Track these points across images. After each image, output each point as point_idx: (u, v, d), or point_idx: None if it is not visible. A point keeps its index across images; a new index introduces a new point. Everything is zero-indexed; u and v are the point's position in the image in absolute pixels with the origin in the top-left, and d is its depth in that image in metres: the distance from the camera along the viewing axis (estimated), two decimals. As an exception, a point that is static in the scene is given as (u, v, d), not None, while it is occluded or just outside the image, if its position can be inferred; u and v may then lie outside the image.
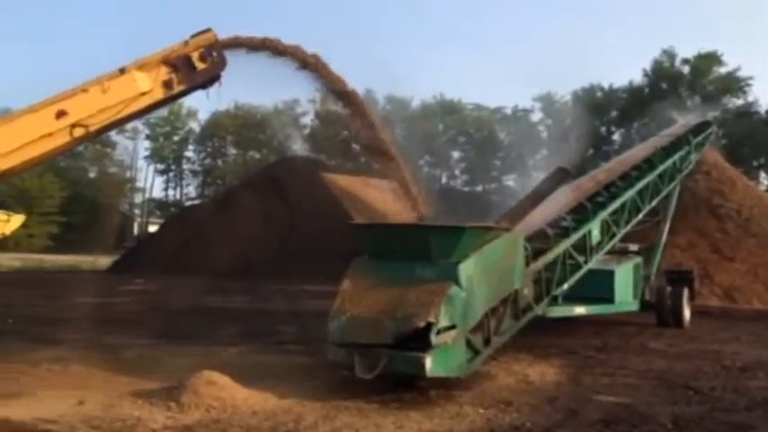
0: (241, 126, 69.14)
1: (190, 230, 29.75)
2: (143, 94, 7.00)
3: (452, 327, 6.11)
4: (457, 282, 6.16)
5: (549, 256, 8.26)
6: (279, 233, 27.66)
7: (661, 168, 11.93)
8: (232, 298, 16.88)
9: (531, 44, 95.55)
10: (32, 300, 15.76)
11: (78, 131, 6.76)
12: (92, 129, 6.88)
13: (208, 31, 7.22)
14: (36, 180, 53.89)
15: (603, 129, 57.57)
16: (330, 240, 24.45)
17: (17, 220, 35.00)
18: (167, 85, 7.12)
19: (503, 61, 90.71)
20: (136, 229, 67.93)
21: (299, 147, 60.56)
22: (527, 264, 7.63)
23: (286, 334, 10.52)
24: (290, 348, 9.10)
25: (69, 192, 60.66)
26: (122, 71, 6.91)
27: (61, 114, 6.65)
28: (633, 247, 11.92)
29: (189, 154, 75.30)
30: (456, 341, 6.17)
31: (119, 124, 7.46)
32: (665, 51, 55.03)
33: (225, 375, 6.12)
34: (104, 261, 34.89)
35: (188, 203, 64.82)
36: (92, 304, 14.56)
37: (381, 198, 7.48)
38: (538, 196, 7.53)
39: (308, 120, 68.66)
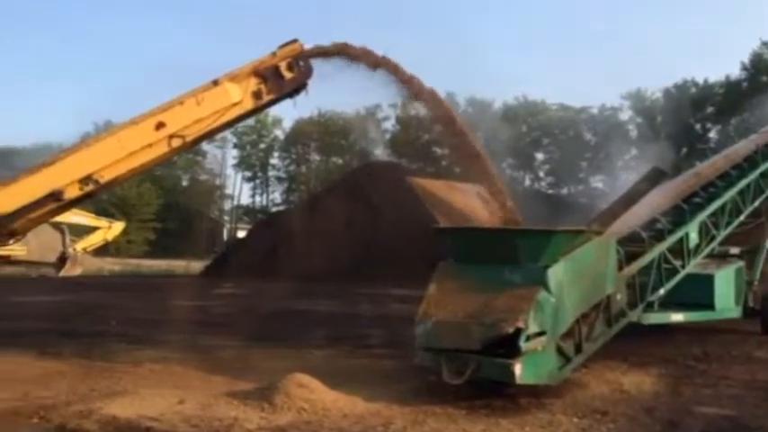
0: (324, 132, 70.50)
1: (276, 235, 30.57)
2: (234, 104, 7.27)
3: (542, 333, 5.98)
4: (546, 287, 6.02)
5: (644, 261, 7.93)
6: (362, 237, 28.00)
7: (764, 167, 11.21)
8: (318, 301, 17.20)
9: (618, 40, 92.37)
10: (132, 302, 16.62)
11: (176, 142, 7.10)
12: (188, 139, 7.21)
13: (294, 41, 7.42)
14: (134, 189, 56.92)
15: (698, 126, 54.76)
16: (413, 244, 24.55)
17: (118, 226, 37.45)
18: (257, 95, 7.36)
19: (588, 59, 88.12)
20: (225, 235, 70.51)
21: (380, 151, 61.17)
22: (620, 268, 7.36)
23: (372, 337, 10.61)
24: (377, 352, 9.17)
25: (164, 199, 63.77)
26: (215, 83, 7.21)
27: (160, 126, 7.00)
28: (734, 250, 11.22)
29: (274, 161, 77.52)
30: (546, 348, 6.03)
31: (212, 134, 7.78)
32: (765, 43, 51.78)
33: (314, 378, 6.24)
34: (196, 265, 36.45)
35: (274, 209, 66.72)
36: (187, 307, 15.20)
37: (467, 202, 7.43)
38: (631, 198, 7.24)
39: (389, 124, 69.23)
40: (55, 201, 6.86)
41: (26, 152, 60.19)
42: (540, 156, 67.15)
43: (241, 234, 53.98)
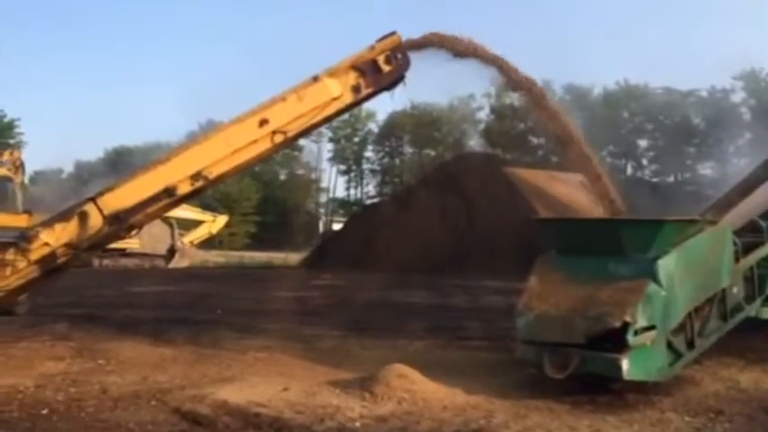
0: (417, 125, 70.61)
1: (371, 228, 30.95)
2: (334, 99, 7.41)
3: (651, 327, 5.72)
4: (655, 279, 5.76)
5: (763, 252, 7.42)
6: (456, 229, 27.87)
7: None
8: (414, 293, 17.27)
9: (727, 18, 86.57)
10: (236, 292, 17.34)
11: (278, 138, 7.32)
12: (290, 135, 7.42)
13: (393, 34, 7.44)
14: (236, 184, 59.35)
15: (820, 106, 50.60)
16: (508, 236, 24.22)
17: (221, 220, 39.17)
18: (356, 89, 7.46)
19: (694, 40, 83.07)
20: (321, 227, 72.24)
21: (474, 142, 60.54)
22: (736, 260, 6.91)
23: (470, 329, 10.54)
24: (475, 344, 9.09)
25: (263, 193, 66.14)
26: (315, 79, 7.36)
27: (264, 123, 7.24)
28: None
29: (368, 154, 78.57)
30: (656, 343, 5.77)
31: (312, 129, 7.96)
32: None
33: (413, 369, 6.28)
34: (295, 257, 37.56)
35: (368, 202, 67.61)
36: (287, 297, 15.69)
37: (568, 192, 7.20)
38: (749, 185, 6.79)
39: (483, 115, 68.38)
40: (169, 196, 7.24)
41: (138, 150, 64.19)
42: (643, 143, 64.26)
43: (336, 226, 55.16)
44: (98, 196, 7.11)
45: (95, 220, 7.04)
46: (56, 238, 6.95)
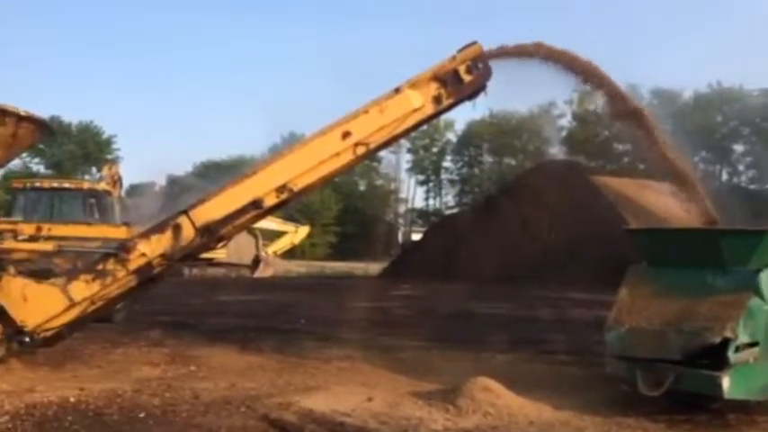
0: (496, 133, 69.85)
1: (451, 238, 30.80)
2: (415, 110, 7.41)
3: (754, 344, 5.40)
4: (757, 292, 5.44)
5: None
6: (538, 239, 27.32)
7: None
8: (495, 304, 17.03)
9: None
10: (318, 302, 17.62)
11: (360, 150, 7.39)
12: (372, 146, 7.48)
13: (474, 43, 7.39)
14: (317, 195, 60.51)
15: None
16: (594, 246, 23.49)
17: (303, 231, 39.97)
18: (437, 100, 7.44)
19: (794, 37, 78.07)
20: (400, 238, 72.46)
21: (556, 150, 59.22)
22: None
23: (554, 343, 10.27)
24: (561, 358, 8.86)
25: (343, 204, 67.12)
26: (397, 91, 7.40)
27: (346, 135, 7.33)
28: None
29: (447, 164, 78.35)
30: (760, 360, 5.43)
31: (394, 140, 7.99)
32: None
33: (498, 382, 6.18)
34: (375, 267, 37.83)
35: (447, 212, 67.35)
36: (368, 307, 15.82)
37: (659, 200, 6.85)
38: None
39: (564, 121, 66.88)
40: (256, 208, 7.44)
41: (224, 164, 66.59)
42: (738, 147, 60.97)
43: (416, 237, 55.21)
44: (190, 209, 7.39)
45: (188, 232, 7.32)
46: (152, 248, 7.27)
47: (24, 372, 7.22)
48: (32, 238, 8.27)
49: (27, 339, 7.03)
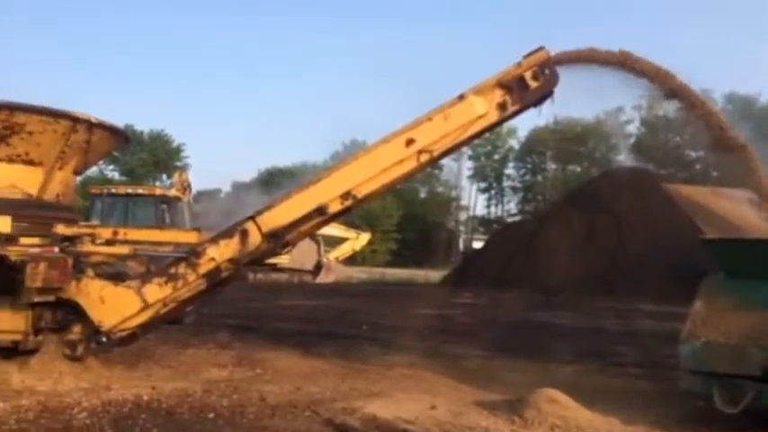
0: (560, 140, 68.59)
1: (513, 246, 30.39)
2: (480, 117, 7.35)
3: (843, 361, 5.09)
4: (844, 306, 5.13)
5: None
6: (605, 248, 26.61)
7: None
8: (559, 314, 16.68)
9: None
10: (379, 309, 17.67)
11: (424, 157, 7.39)
12: (435, 154, 7.47)
13: (540, 49, 7.28)
14: (378, 202, 60.85)
15: None
16: (664, 256, 22.71)
17: (364, 237, 40.22)
18: (502, 106, 7.36)
19: None
20: (461, 246, 72.01)
21: (623, 157, 57.69)
22: None
23: (624, 355, 9.97)
24: (631, 372, 8.59)
25: (404, 211, 67.24)
26: (461, 98, 7.36)
27: (410, 142, 7.35)
28: None
29: (509, 171, 77.48)
30: None
31: (457, 147, 7.95)
32: None
33: (565, 394, 6.04)
34: (435, 275, 37.70)
35: (510, 220, 66.54)
36: (429, 315, 15.77)
37: (736, 209, 6.54)
38: None
39: (633, 128, 65.06)
40: (320, 215, 7.54)
41: (288, 171, 67.91)
42: (819, 154, 57.72)
43: (477, 245, 54.73)
44: (257, 215, 7.56)
45: (255, 238, 7.49)
46: (220, 253, 7.47)
47: (101, 370, 7.52)
48: (109, 242, 8.61)
49: (104, 339, 7.33)
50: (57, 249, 7.45)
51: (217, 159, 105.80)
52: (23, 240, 7.59)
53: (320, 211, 7.50)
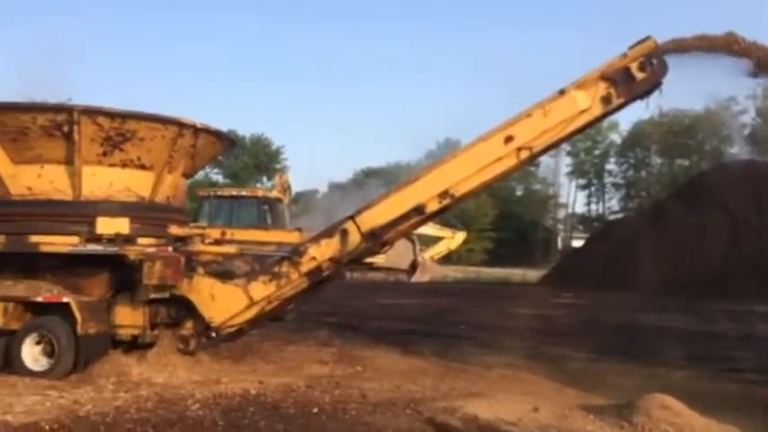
0: (666, 133, 65.23)
1: (615, 245, 29.19)
2: (582, 112, 7.14)
3: None
4: None
5: None
6: (718, 248, 25.03)
7: None
8: (667, 316, 15.86)
9: None
10: (476, 308, 17.50)
11: (524, 154, 7.26)
12: (535, 150, 7.32)
13: (647, 38, 6.96)
14: (473, 200, 60.25)
15: None
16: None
17: (460, 236, 39.98)
18: (606, 100, 7.11)
19: None
20: (560, 244, 70.05)
21: (737, 150, 54.13)
22: None
23: (741, 360, 9.37)
24: (748, 377, 8.07)
25: (500, 209, 66.18)
26: (562, 92, 7.17)
27: (509, 140, 7.24)
28: None
29: (611, 167, 74.55)
30: None
31: (558, 144, 7.75)
32: None
33: (677, 400, 5.74)
34: (533, 274, 36.88)
35: (611, 217, 64.03)
36: (528, 315, 15.46)
37: None
38: None
39: (747, 118, 60.94)
40: (418, 214, 7.59)
41: (382, 171, 68.54)
42: None
43: (576, 243, 53.07)
44: (356, 215, 7.70)
45: (354, 237, 7.63)
46: (321, 252, 7.67)
47: (211, 364, 7.90)
48: (217, 242, 9.03)
49: (214, 334, 7.70)
50: (170, 249, 7.90)
51: (314, 161, 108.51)
52: (140, 241, 8.11)
53: (418, 210, 7.54)
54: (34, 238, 7.78)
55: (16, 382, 6.94)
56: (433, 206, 7.56)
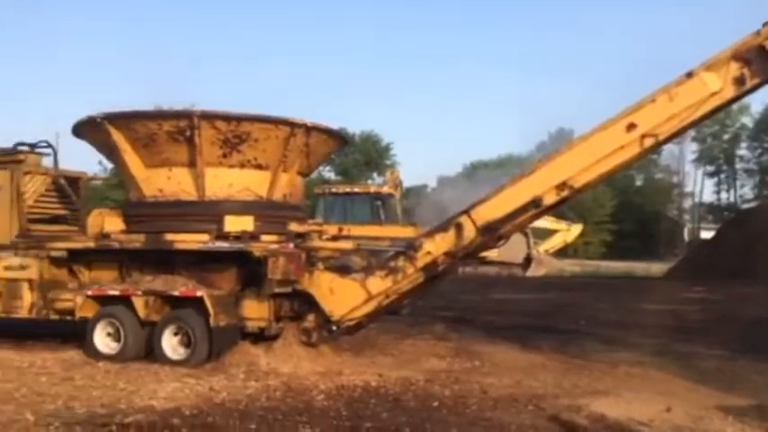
0: (807, 113, 59.74)
1: (750, 235, 27.11)
2: (713, 94, 6.69)
3: None
4: None
5: None
6: None
7: None
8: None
9: None
10: (596, 303, 16.83)
11: (648, 142, 6.91)
12: (661, 138, 6.95)
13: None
14: (590, 191, 57.97)
15: None
16: None
17: (576, 229, 38.69)
18: (739, 81, 6.62)
19: None
20: (686, 236, 66.03)
21: None
22: None
23: None
24: None
25: (618, 200, 63.29)
26: (689, 75, 6.75)
27: (631, 127, 6.92)
28: None
29: (742, 152, 69.31)
30: None
31: (686, 129, 7.32)
32: None
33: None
34: (657, 267, 35.01)
35: (745, 206, 59.53)
36: (654, 310, 14.72)
37: None
38: None
39: None
40: (535, 207, 7.43)
41: (492, 164, 67.60)
42: None
43: (705, 234, 49.83)
44: (471, 209, 7.66)
45: (469, 231, 7.60)
46: (436, 247, 7.70)
47: (332, 356, 8.15)
48: (335, 238, 9.28)
49: (334, 327, 7.95)
50: (291, 245, 8.22)
51: (422, 155, 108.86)
52: (264, 238, 8.50)
53: (535, 203, 7.39)
54: (169, 237, 8.37)
55: (158, 369, 7.50)
56: (550, 198, 7.38)
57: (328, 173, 72.70)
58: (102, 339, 8.27)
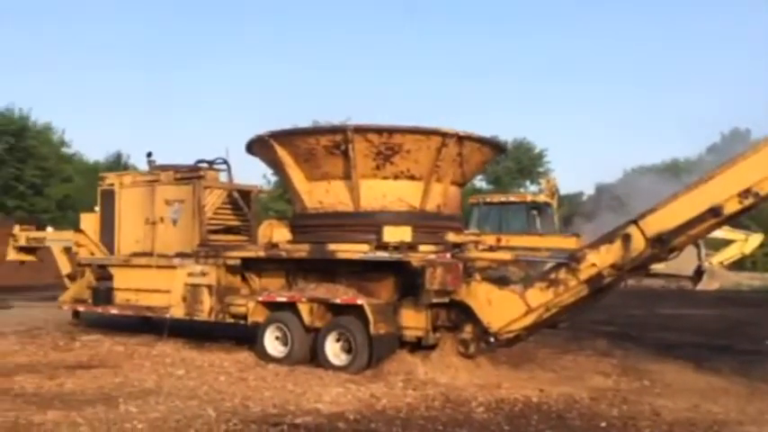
0: None
1: None
2: None
3: None
4: None
5: None
6: None
7: None
8: None
9: None
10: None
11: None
12: None
13: None
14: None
15: None
16: None
17: (755, 239, 35.15)
18: None
19: None
20: None
21: None
22: None
23: None
24: None
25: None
26: None
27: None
28: None
29: None
30: None
31: None
32: None
33: None
34: None
35: None
36: None
37: None
38: None
39: None
40: (714, 216, 6.84)
41: (656, 168, 63.40)
42: None
43: None
44: (640, 218, 7.21)
45: (638, 242, 7.16)
46: (601, 259, 7.32)
47: (490, 368, 8.04)
48: (492, 248, 9.15)
49: (492, 339, 7.83)
50: (448, 255, 8.23)
51: (578, 162, 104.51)
52: (421, 248, 8.59)
53: (714, 212, 6.81)
54: (331, 246, 8.73)
55: (322, 374, 7.84)
56: (731, 207, 6.76)
57: (480, 182, 72.24)
58: (271, 343, 8.82)
